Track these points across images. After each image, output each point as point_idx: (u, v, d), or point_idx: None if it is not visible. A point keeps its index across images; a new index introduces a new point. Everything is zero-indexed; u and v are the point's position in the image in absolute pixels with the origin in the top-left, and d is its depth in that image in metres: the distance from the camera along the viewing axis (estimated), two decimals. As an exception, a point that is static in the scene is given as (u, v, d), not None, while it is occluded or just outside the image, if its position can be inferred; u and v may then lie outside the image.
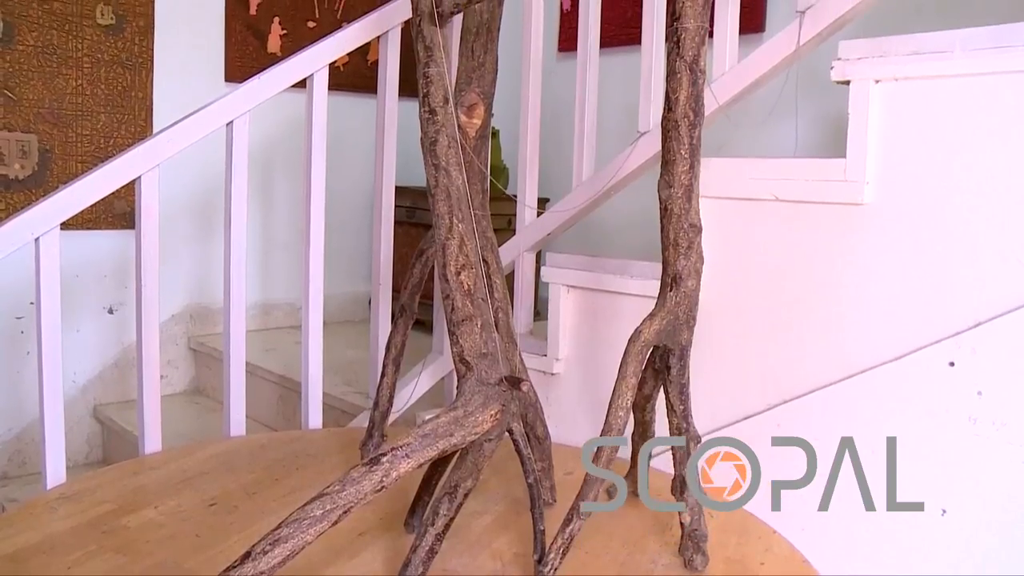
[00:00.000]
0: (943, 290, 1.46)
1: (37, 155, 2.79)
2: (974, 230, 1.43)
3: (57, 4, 2.78)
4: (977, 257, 1.43)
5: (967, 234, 1.44)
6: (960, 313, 1.45)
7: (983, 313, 1.42)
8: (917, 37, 1.52)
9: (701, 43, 1.29)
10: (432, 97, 1.20)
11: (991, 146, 1.42)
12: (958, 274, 1.45)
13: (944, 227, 1.46)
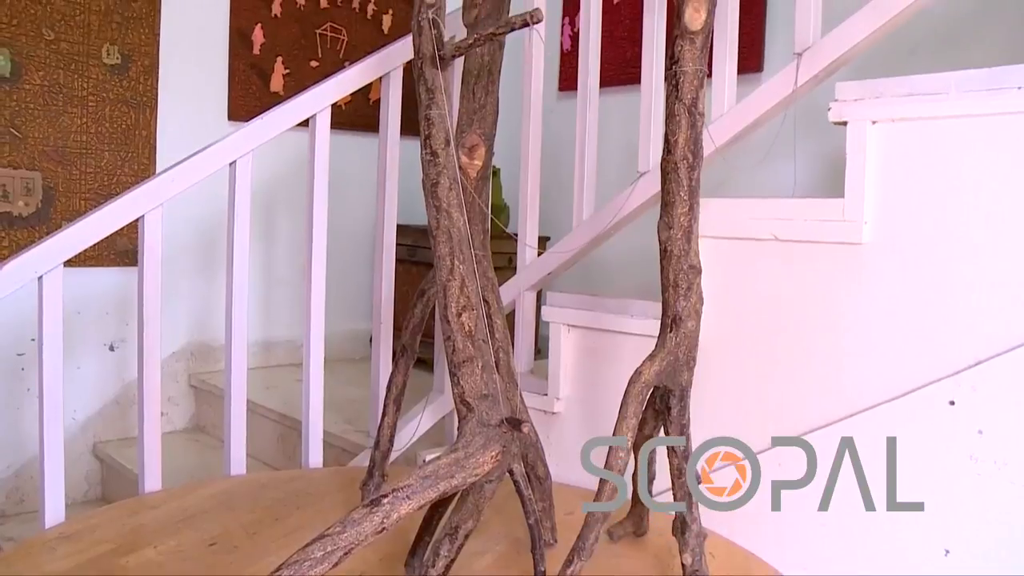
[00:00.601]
0: (942, 328, 1.47)
1: (41, 192, 2.80)
2: (973, 269, 1.44)
3: (64, 44, 2.81)
4: (976, 295, 1.43)
5: (966, 273, 1.45)
6: (960, 351, 1.45)
7: (983, 351, 1.43)
8: (912, 79, 1.54)
9: (700, 86, 1.31)
10: (434, 139, 1.22)
11: (987, 186, 1.43)
12: (957, 312, 1.45)
13: (943, 266, 1.47)
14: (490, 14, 1.44)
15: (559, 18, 3.60)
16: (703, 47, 1.30)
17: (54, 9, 2.79)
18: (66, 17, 2.81)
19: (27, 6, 2.74)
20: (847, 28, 1.66)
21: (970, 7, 2.43)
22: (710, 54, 1.44)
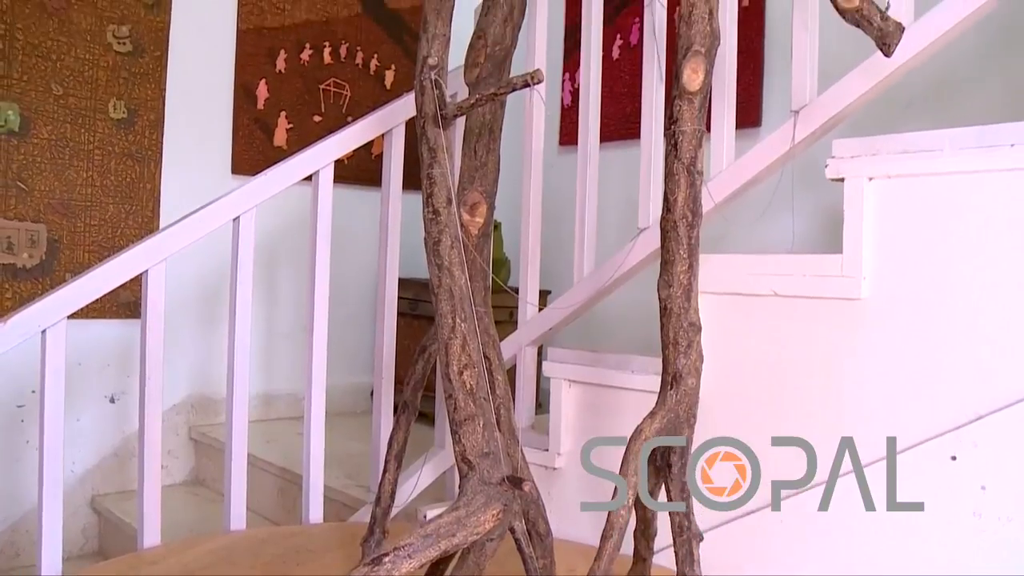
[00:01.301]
0: (943, 383, 1.47)
1: (46, 244, 2.83)
2: (972, 323, 1.45)
3: (73, 99, 2.85)
4: (976, 350, 1.44)
5: (965, 327, 1.45)
6: (960, 406, 1.45)
7: (984, 406, 1.43)
8: (907, 136, 1.56)
9: (698, 146, 1.32)
10: (436, 198, 1.23)
11: (983, 241, 1.45)
12: (957, 367, 1.46)
13: (942, 320, 1.48)
14: (491, 73, 1.46)
15: (559, 74, 3.65)
16: (701, 107, 1.32)
17: (63, 65, 2.84)
18: (75, 73, 2.86)
19: (37, 62, 2.78)
20: (842, 87, 1.68)
21: (962, 63, 2.46)
22: (709, 109, 1.46)
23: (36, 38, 2.79)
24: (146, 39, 3.00)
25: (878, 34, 1.42)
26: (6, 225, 2.75)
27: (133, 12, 2.97)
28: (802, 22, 1.75)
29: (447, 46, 1.35)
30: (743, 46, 2.92)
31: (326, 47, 3.42)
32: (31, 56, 2.78)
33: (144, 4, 2.99)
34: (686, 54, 1.28)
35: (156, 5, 3.02)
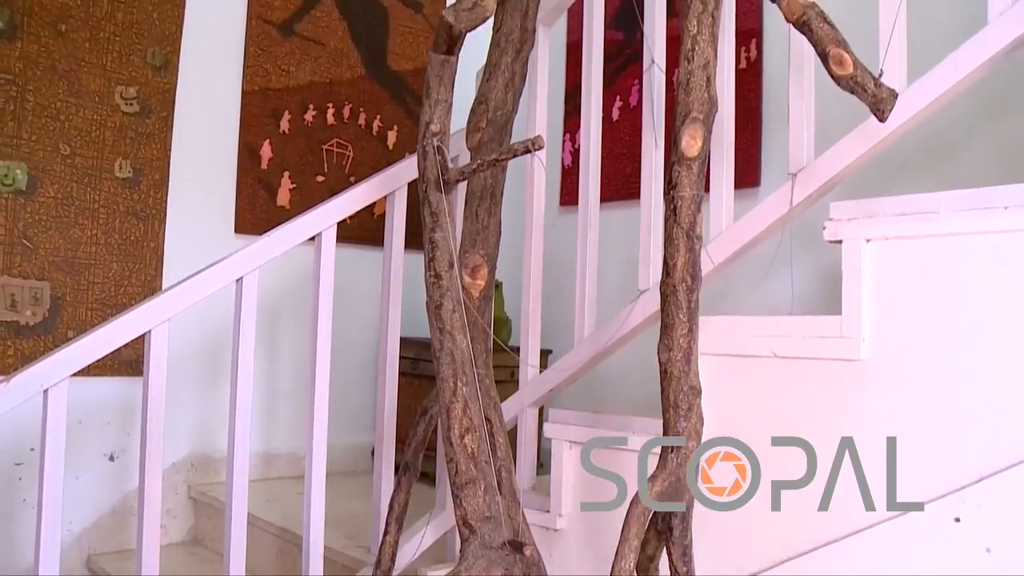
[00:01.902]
0: (945, 444, 1.47)
1: (49, 302, 2.84)
2: (972, 384, 1.45)
3: (80, 158, 2.89)
4: (978, 410, 1.44)
5: (965, 388, 1.46)
6: (963, 467, 1.45)
7: (987, 467, 1.42)
8: (904, 198, 1.57)
9: (697, 210, 1.34)
10: (438, 262, 1.25)
11: (980, 302, 1.46)
12: (959, 427, 1.46)
13: (942, 381, 1.48)
14: (493, 138, 1.49)
15: (560, 135, 3.69)
16: (700, 172, 1.34)
17: (72, 125, 2.88)
18: (83, 133, 2.90)
19: (46, 123, 2.83)
20: (839, 150, 1.71)
21: (955, 124, 2.50)
22: (708, 170, 1.48)
23: (46, 99, 2.83)
24: (153, 100, 3.05)
25: (872, 100, 1.45)
26: (10, 283, 2.76)
27: (141, 74, 3.03)
28: (798, 87, 1.78)
29: (449, 111, 1.38)
30: (741, 106, 2.96)
31: (329, 108, 3.47)
32: (41, 117, 2.82)
33: (152, 66, 3.05)
34: (684, 121, 1.31)
35: (164, 67, 3.07)
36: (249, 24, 3.27)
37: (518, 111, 1.61)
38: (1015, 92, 2.41)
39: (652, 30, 1.94)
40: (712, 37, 1.33)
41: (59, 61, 2.86)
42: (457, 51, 1.38)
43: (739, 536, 1.70)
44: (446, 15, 1.33)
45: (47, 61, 2.84)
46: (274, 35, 3.33)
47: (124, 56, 2.99)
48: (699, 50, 1.31)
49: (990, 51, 1.56)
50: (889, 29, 1.65)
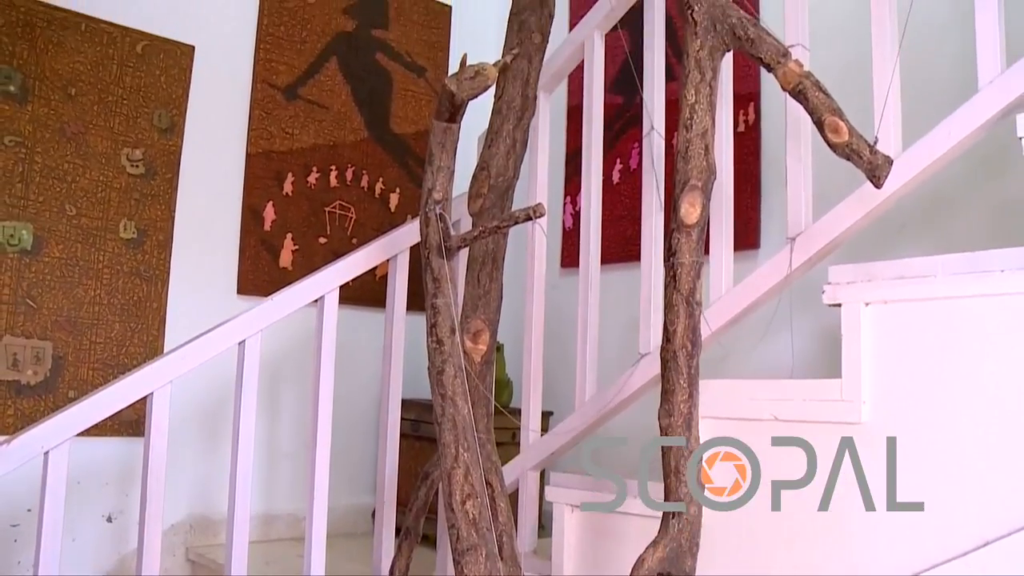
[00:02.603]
0: (947, 508, 1.46)
1: (51, 361, 2.84)
2: (973, 447, 1.45)
3: (85, 219, 2.92)
4: (980, 473, 1.43)
5: (967, 451, 1.45)
6: (967, 532, 1.44)
7: (991, 531, 1.42)
8: (901, 262, 1.59)
9: (696, 276, 1.36)
10: (439, 328, 1.26)
11: (979, 366, 1.46)
12: (961, 491, 1.45)
13: (943, 443, 1.48)
14: (495, 204, 1.51)
15: (560, 197, 3.72)
16: (699, 239, 1.36)
17: (78, 187, 2.91)
18: (89, 194, 2.93)
19: (53, 184, 2.86)
20: (836, 215, 1.73)
21: (951, 186, 2.52)
22: (707, 233, 1.50)
23: (54, 161, 2.87)
24: (158, 162, 3.09)
25: (868, 167, 1.47)
26: (13, 342, 2.77)
27: (147, 136, 3.07)
28: (795, 152, 1.81)
29: (451, 178, 1.40)
30: (740, 169, 2.99)
31: (332, 170, 3.51)
32: (48, 178, 2.86)
33: (158, 128, 3.09)
34: (683, 188, 1.33)
35: (170, 129, 3.12)
36: (254, 88, 3.33)
37: (519, 177, 1.63)
38: (1010, 151, 2.44)
39: (651, 96, 1.98)
40: (710, 106, 1.36)
41: (68, 124, 2.91)
42: (459, 119, 1.40)
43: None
44: (448, 83, 1.36)
45: (56, 124, 2.89)
46: (279, 99, 3.38)
47: (131, 119, 3.04)
48: (697, 119, 1.34)
49: (982, 118, 1.59)
50: (883, 95, 1.69)
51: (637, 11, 2.24)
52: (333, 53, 3.55)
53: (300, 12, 3.46)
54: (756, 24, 1.42)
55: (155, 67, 3.11)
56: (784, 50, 1.43)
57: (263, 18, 3.37)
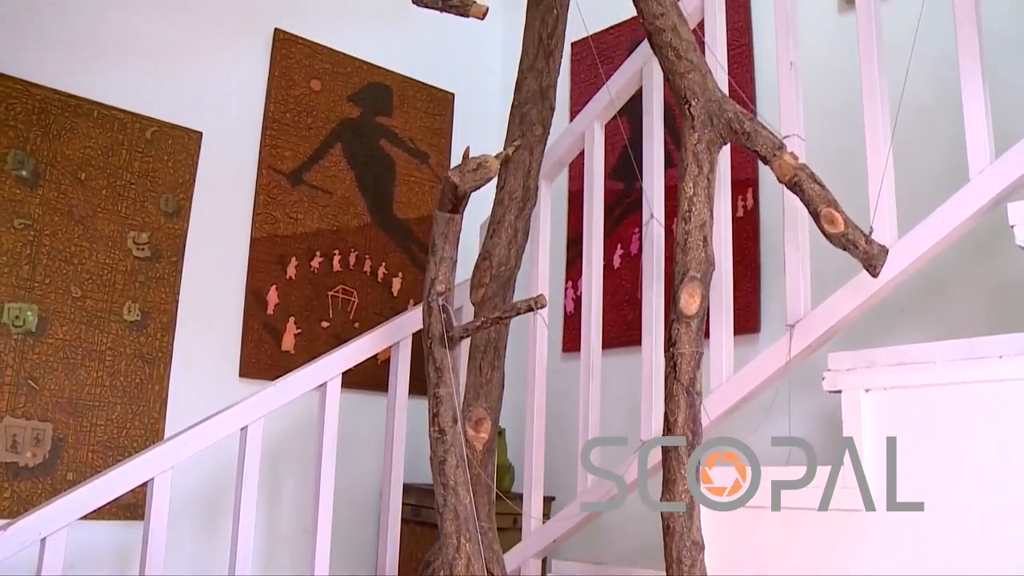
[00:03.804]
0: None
1: (50, 443, 2.83)
2: (976, 532, 1.44)
3: (90, 301, 2.94)
4: (982, 560, 1.42)
5: (970, 536, 1.45)
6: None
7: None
8: (900, 349, 1.60)
9: (696, 366, 1.37)
10: (442, 417, 1.27)
11: (980, 450, 1.46)
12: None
13: (947, 529, 1.47)
14: (496, 293, 1.53)
15: (562, 281, 3.74)
16: (699, 329, 1.37)
17: (84, 269, 2.94)
18: (94, 276, 2.96)
19: (60, 266, 2.89)
20: (834, 302, 1.75)
21: (949, 269, 2.54)
22: (707, 319, 1.51)
23: (61, 243, 2.91)
24: (164, 245, 3.13)
25: (864, 257, 1.50)
26: (13, 423, 2.77)
27: (154, 219, 3.11)
28: (793, 241, 1.84)
29: (454, 268, 1.43)
30: (739, 254, 3.02)
31: (336, 255, 3.54)
32: (55, 260, 2.89)
33: (165, 212, 3.14)
34: (683, 280, 1.35)
35: (176, 213, 3.16)
36: (260, 173, 3.38)
37: (521, 266, 1.66)
38: (1006, 233, 2.47)
39: (651, 186, 2.02)
40: (708, 198, 1.39)
41: (76, 207, 2.95)
42: (462, 209, 1.43)
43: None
44: (451, 175, 1.39)
45: (65, 207, 2.93)
46: (283, 184, 3.44)
47: (138, 203, 3.09)
48: (695, 211, 1.37)
49: (973, 207, 1.62)
50: (878, 184, 1.72)
51: (636, 99, 2.30)
52: (338, 139, 3.62)
53: (306, 99, 3.54)
54: (752, 118, 1.46)
55: (163, 152, 3.17)
56: (779, 143, 1.47)
57: (270, 105, 3.44)
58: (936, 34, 2.09)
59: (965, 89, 1.68)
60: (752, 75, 3.19)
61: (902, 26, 2.21)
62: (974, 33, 1.68)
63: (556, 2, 1.78)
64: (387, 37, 3.82)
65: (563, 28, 1.88)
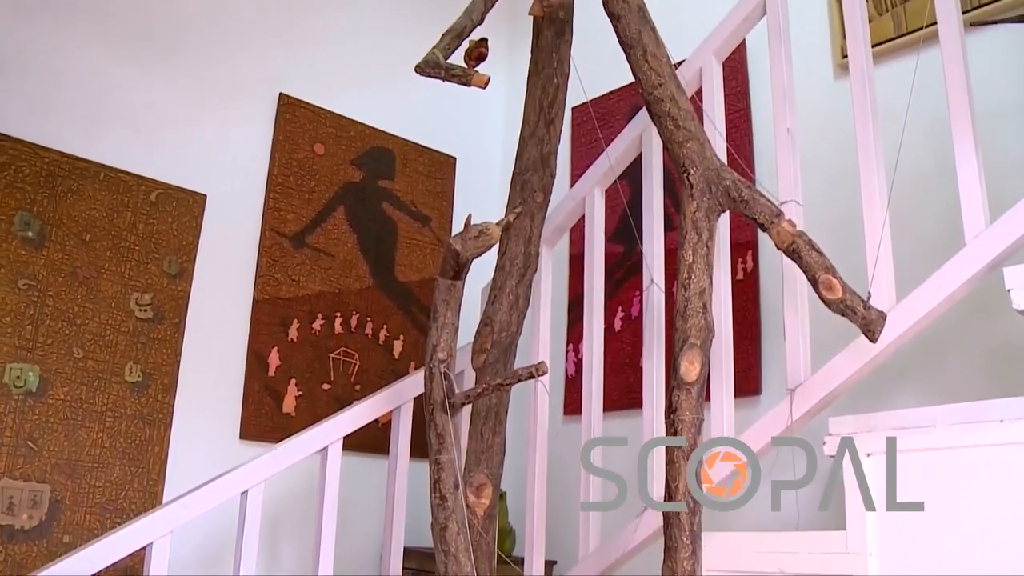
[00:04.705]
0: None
1: (47, 505, 2.81)
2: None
3: (91, 362, 2.94)
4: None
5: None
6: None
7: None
8: (901, 413, 1.61)
9: (697, 432, 1.37)
10: (443, 484, 1.27)
11: (983, 514, 1.46)
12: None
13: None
14: (498, 359, 1.54)
15: (563, 344, 3.74)
16: (699, 396, 1.38)
17: (87, 330, 2.95)
18: (97, 337, 2.97)
19: (62, 327, 2.90)
20: (834, 367, 1.75)
21: (950, 330, 2.55)
22: (708, 382, 1.52)
23: (65, 304, 2.92)
24: (166, 306, 3.14)
25: (863, 322, 1.51)
26: (10, 485, 2.75)
27: (157, 281, 3.13)
28: (792, 305, 1.85)
29: (456, 335, 1.44)
30: (739, 317, 3.03)
31: (337, 317, 3.56)
32: (58, 321, 2.90)
33: (168, 274, 3.16)
34: (683, 347, 1.36)
35: (179, 275, 3.18)
36: (263, 235, 3.41)
37: (522, 331, 1.67)
38: (1004, 295, 2.48)
39: (651, 252, 2.04)
40: (707, 266, 1.41)
41: (80, 268, 2.97)
42: (463, 276, 1.45)
43: None
44: (453, 243, 1.41)
45: (69, 268, 2.95)
46: (286, 246, 3.46)
47: (142, 264, 3.11)
48: (695, 278, 1.39)
49: (970, 272, 1.64)
50: (875, 250, 1.74)
51: (636, 163, 2.33)
52: (340, 202, 3.66)
53: (309, 163, 3.58)
54: (750, 186, 1.49)
55: (168, 215, 3.20)
56: (777, 211, 1.49)
57: (274, 168, 3.48)
58: (930, 98, 2.13)
59: (958, 154, 1.71)
60: (750, 139, 3.23)
61: (897, 90, 2.26)
62: (965, 99, 1.72)
63: (556, 71, 1.82)
64: (390, 101, 3.88)
65: (564, 97, 1.92)
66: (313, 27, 3.72)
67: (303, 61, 3.66)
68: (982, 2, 2.54)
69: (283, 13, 3.64)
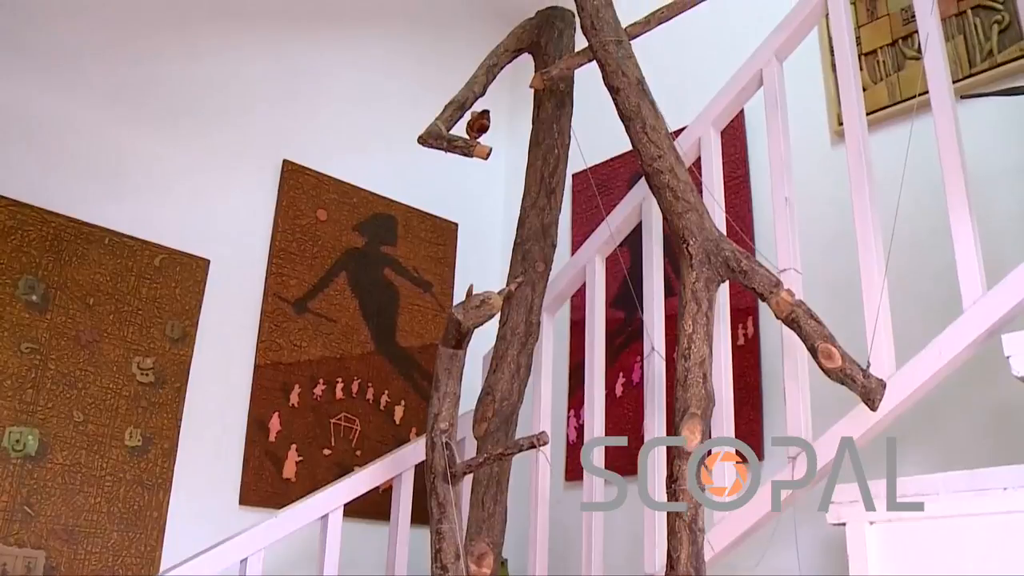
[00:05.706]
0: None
1: (42, 572, 2.78)
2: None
3: (92, 426, 2.94)
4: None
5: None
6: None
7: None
8: (903, 481, 1.61)
9: (698, 503, 1.37)
10: (444, 553, 1.27)
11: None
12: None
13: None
14: (499, 428, 1.55)
15: (564, 410, 3.72)
16: (699, 467, 1.38)
17: (88, 394, 2.95)
18: (97, 401, 2.97)
19: (64, 391, 2.90)
20: (835, 434, 1.76)
21: (951, 398, 2.54)
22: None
23: (67, 367, 2.93)
24: (168, 371, 3.15)
25: (862, 391, 1.52)
26: (4, 551, 2.72)
27: (159, 345, 3.14)
28: (792, 372, 1.86)
29: (457, 404, 1.44)
30: (741, 382, 3.03)
31: (339, 382, 3.55)
32: (59, 384, 2.90)
33: (170, 338, 3.17)
34: (683, 416, 1.37)
35: (181, 339, 3.19)
36: (265, 300, 3.43)
37: (523, 400, 1.67)
38: (1003, 361, 2.48)
39: (652, 320, 2.05)
40: (707, 335, 1.42)
41: (83, 332, 2.98)
42: (465, 345, 1.46)
43: None
44: (455, 312, 1.42)
45: (72, 332, 2.96)
46: (288, 312, 3.48)
47: (144, 328, 3.12)
48: (695, 348, 1.40)
49: (968, 339, 1.65)
50: (874, 317, 1.75)
51: (636, 230, 2.35)
52: (343, 268, 3.68)
53: (312, 229, 3.62)
54: (749, 257, 1.51)
55: (171, 279, 3.22)
56: (776, 280, 1.51)
57: (277, 234, 3.51)
58: (926, 164, 2.15)
59: (953, 219, 1.73)
60: (749, 205, 3.26)
61: (893, 156, 2.29)
62: (958, 164, 1.74)
63: (557, 142, 1.86)
64: (392, 168, 3.93)
65: (564, 167, 1.95)
66: (317, 94, 3.79)
67: (307, 128, 3.72)
68: (974, 71, 2.59)
69: (288, 80, 3.70)
